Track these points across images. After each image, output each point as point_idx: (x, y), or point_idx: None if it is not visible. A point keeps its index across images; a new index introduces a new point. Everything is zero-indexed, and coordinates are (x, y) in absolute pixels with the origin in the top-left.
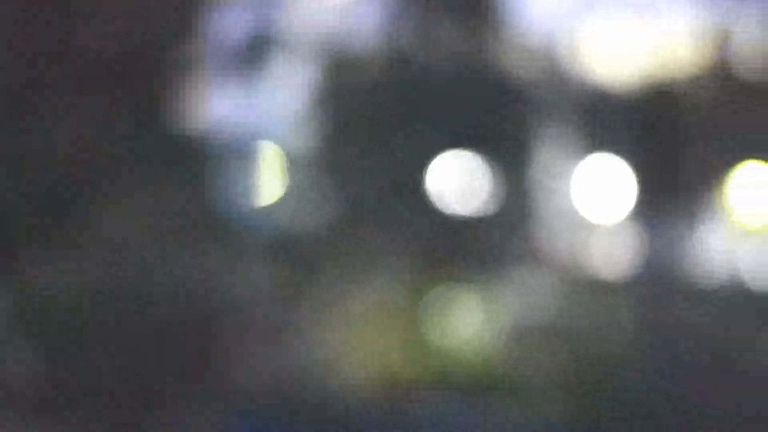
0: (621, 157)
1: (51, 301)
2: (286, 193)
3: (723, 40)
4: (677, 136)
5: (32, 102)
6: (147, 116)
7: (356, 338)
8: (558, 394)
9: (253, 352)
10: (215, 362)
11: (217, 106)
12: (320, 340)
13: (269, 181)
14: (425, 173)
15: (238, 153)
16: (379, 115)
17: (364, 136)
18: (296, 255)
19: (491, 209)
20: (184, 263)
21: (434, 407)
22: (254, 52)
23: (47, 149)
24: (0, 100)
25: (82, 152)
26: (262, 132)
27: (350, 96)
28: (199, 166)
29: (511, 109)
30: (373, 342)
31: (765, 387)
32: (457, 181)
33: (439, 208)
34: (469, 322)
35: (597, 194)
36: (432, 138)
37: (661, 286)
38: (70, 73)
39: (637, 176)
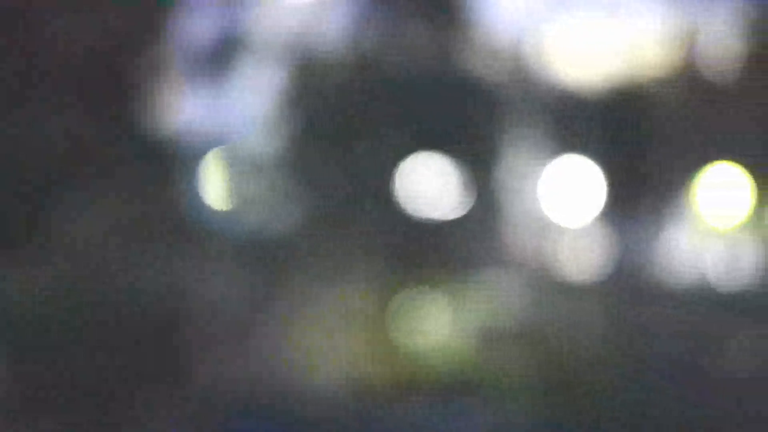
0: (589, 158)
1: (19, 304)
2: (254, 196)
3: (691, 42)
4: (645, 137)
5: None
6: (116, 119)
7: (326, 341)
8: (528, 395)
9: (221, 354)
10: (184, 364)
11: (185, 108)
12: (290, 343)
13: (237, 184)
14: (393, 176)
15: (207, 156)
16: (347, 117)
17: (333, 139)
18: (265, 257)
19: (460, 212)
20: (153, 265)
21: (405, 409)
22: (222, 55)
23: (16, 152)
24: None
25: (51, 155)
26: (231, 134)
27: (318, 98)
28: (168, 169)
29: (479, 111)
30: (343, 345)
31: (733, 385)
32: (426, 183)
33: (408, 210)
34: (438, 325)
35: (566, 196)
36: (400, 140)
37: (629, 287)
38: (38, 76)
39: (606, 178)
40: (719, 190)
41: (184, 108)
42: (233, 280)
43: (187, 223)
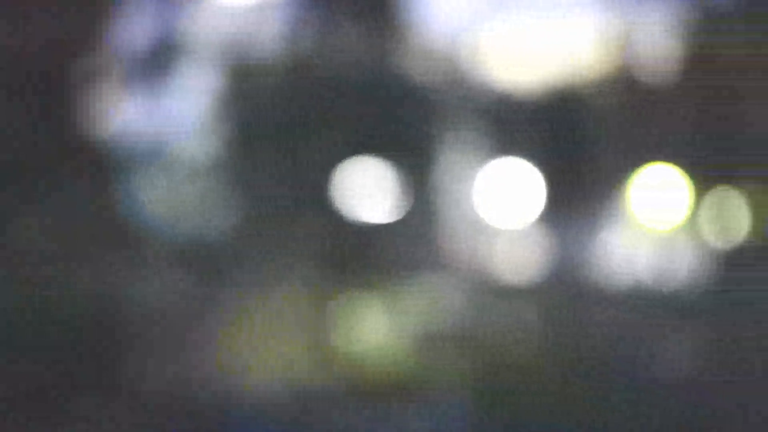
0: (526, 161)
1: None
2: (192, 199)
3: (626, 44)
4: (582, 139)
5: None
6: (52, 124)
7: (263, 345)
8: (466, 398)
9: (159, 359)
10: (120, 370)
11: (123, 112)
12: (227, 348)
13: (175, 187)
14: (330, 179)
15: (144, 160)
16: (284, 120)
17: (269, 142)
18: (202, 261)
19: (397, 215)
20: (90, 270)
21: (341, 413)
22: (160, 59)
23: None
24: None
25: None
26: (168, 138)
27: (254, 102)
28: (106, 174)
29: (416, 114)
30: (280, 349)
31: (670, 386)
32: (362, 187)
33: (345, 214)
34: (376, 329)
35: (502, 198)
36: (337, 143)
37: (566, 290)
38: None
39: (543, 180)
40: (656, 191)
41: (122, 111)
42: (171, 284)
43: (125, 227)
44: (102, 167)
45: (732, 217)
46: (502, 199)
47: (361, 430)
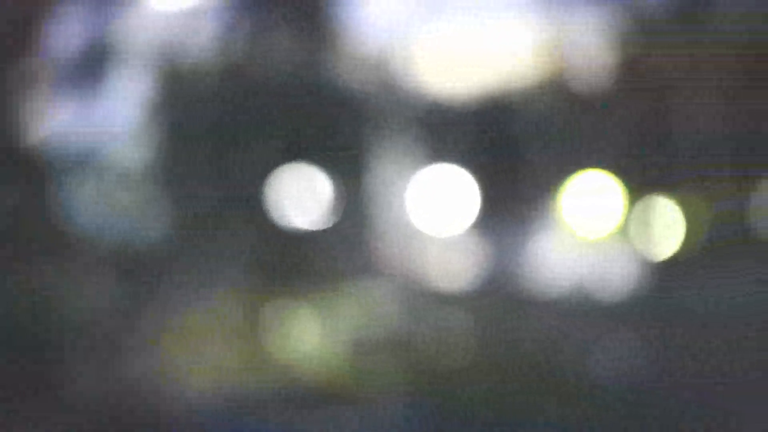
0: (459, 167)
1: None
2: (124, 204)
3: (559, 51)
4: (516, 145)
5: None
6: None
7: (196, 351)
8: (400, 404)
9: (91, 364)
10: (55, 375)
11: (55, 117)
12: (160, 353)
13: (107, 192)
14: (264, 185)
15: (76, 164)
16: (216, 125)
17: (203, 148)
18: (136, 266)
19: (330, 221)
20: (24, 274)
21: (276, 419)
22: (92, 64)
23: None
24: None
25: None
26: (100, 143)
27: (187, 106)
28: (39, 179)
29: (348, 120)
30: (214, 355)
31: (605, 392)
32: (295, 192)
33: (278, 220)
34: (309, 335)
35: (436, 205)
36: (269, 149)
37: (500, 296)
38: None
39: (477, 187)
40: (591, 198)
41: (54, 115)
42: (104, 288)
43: (59, 232)
44: (34, 171)
45: (665, 223)
46: (436, 206)
47: None
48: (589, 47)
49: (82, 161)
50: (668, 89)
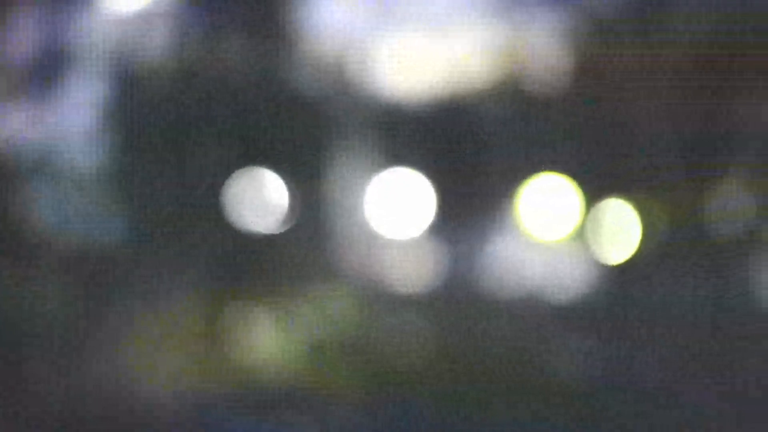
0: (417, 171)
1: None
2: (81, 208)
3: (516, 54)
4: (473, 149)
5: None
6: None
7: (154, 354)
8: (358, 407)
9: (50, 366)
10: (11, 379)
11: (11, 121)
12: (117, 357)
13: (64, 196)
14: (219, 188)
15: (32, 168)
16: (173, 129)
17: (159, 152)
18: (92, 270)
19: (287, 225)
20: None
21: (234, 423)
22: (47, 67)
23: None
24: None
25: None
26: (57, 147)
27: (143, 111)
28: None
29: (305, 124)
30: (171, 358)
31: (562, 394)
32: (252, 196)
33: (236, 224)
34: (268, 338)
35: (393, 208)
36: (226, 153)
37: (458, 298)
38: None
39: (434, 190)
40: (547, 201)
41: (11, 119)
42: (61, 293)
43: (17, 234)
44: None
45: (621, 226)
46: (394, 209)
47: None
48: (546, 50)
49: (39, 164)
50: (624, 91)
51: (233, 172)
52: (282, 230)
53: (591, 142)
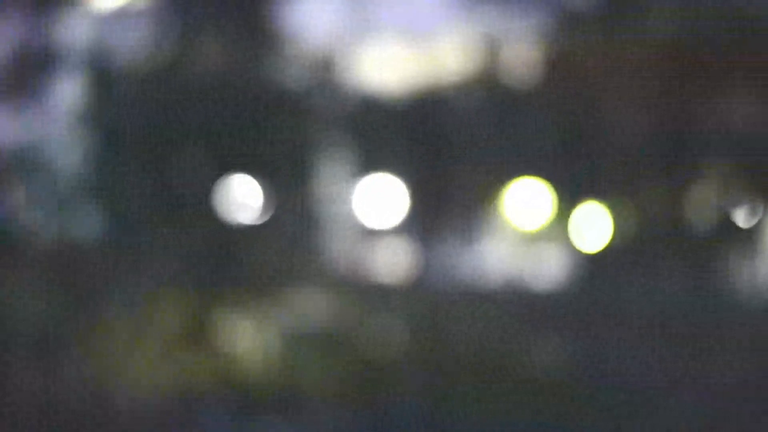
0: (398, 168)
1: None
2: (61, 208)
3: (494, 54)
4: (451, 146)
5: None
6: None
7: (135, 353)
8: (338, 401)
9: (27, 365)
10: None
11: None
12: (97, 356)
13: (45, 196)
14: (202, 188)
15: (13, 168)
16: (152, 129)
17: (137, 153)
18: (73, 270)
19: (268, 223)
20: None
21: (215, 419)
22: (27, 67)
23: None
24: None
25: None
26: (37, 146)
27: (122, 110)
28: None
29: (284, 123)
30: (152, 356)
31: (543, 386)
32: (235, 194)
33: (219, 221)
34: (249, 334)
35: (375, 205)
36: (206, 153)
37: (438, 293)
38: None
39: (414, 187)
40: (523, 202)
41: None
42: (40, 293)
43: None
44: None
45: (595, 227)
46: (375, 205)
47: None
48: (520, 49)
49: (20, 164)
50: (599, 91)
51: (214, 171)
52: (263, 228)
53: (566, 142)
